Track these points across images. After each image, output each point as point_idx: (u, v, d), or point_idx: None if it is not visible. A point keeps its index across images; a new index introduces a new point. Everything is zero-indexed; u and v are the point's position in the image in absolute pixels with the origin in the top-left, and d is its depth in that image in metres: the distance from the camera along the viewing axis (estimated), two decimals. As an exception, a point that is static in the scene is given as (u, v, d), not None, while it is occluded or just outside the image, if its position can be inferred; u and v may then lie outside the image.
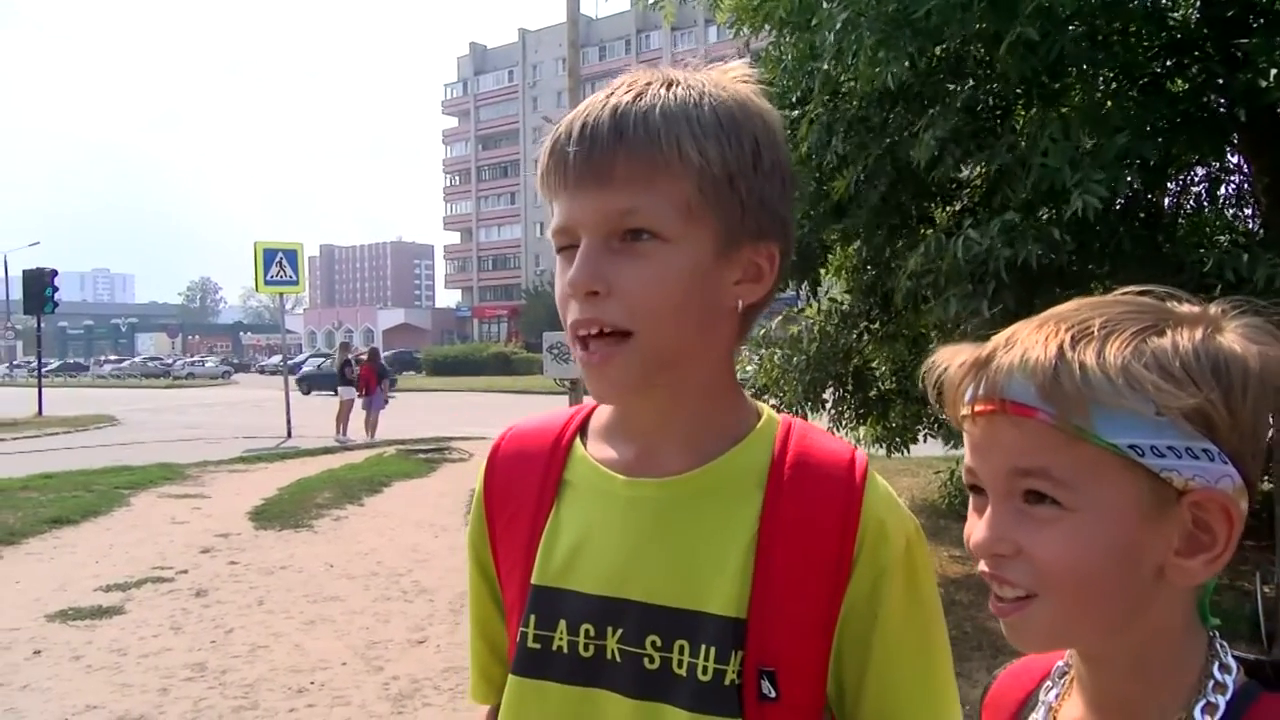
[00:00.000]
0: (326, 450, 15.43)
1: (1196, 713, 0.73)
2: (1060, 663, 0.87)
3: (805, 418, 7.13)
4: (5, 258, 51.59)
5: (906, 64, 4.62)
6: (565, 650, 0.90)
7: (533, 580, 0.92)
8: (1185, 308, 0.74)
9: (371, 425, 17.30)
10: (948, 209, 5.87)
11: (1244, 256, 3.84)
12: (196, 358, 74.20)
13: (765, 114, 0.89)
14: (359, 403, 17.40)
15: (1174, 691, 0.75)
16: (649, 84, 0.85)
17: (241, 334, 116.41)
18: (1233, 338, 0.72)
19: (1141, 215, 4.80)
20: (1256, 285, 3.74)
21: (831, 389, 7.42)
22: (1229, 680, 0.74)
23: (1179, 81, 4.69)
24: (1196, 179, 5.91)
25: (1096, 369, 0.69)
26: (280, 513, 9.62)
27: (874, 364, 7.52)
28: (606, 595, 0.89)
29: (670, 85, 0.85)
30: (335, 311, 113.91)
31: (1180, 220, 5.93)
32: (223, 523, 9.14)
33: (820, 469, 0.90)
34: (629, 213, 0.83)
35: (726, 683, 0.85)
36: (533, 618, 0.91)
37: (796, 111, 5.66)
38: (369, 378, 17.42)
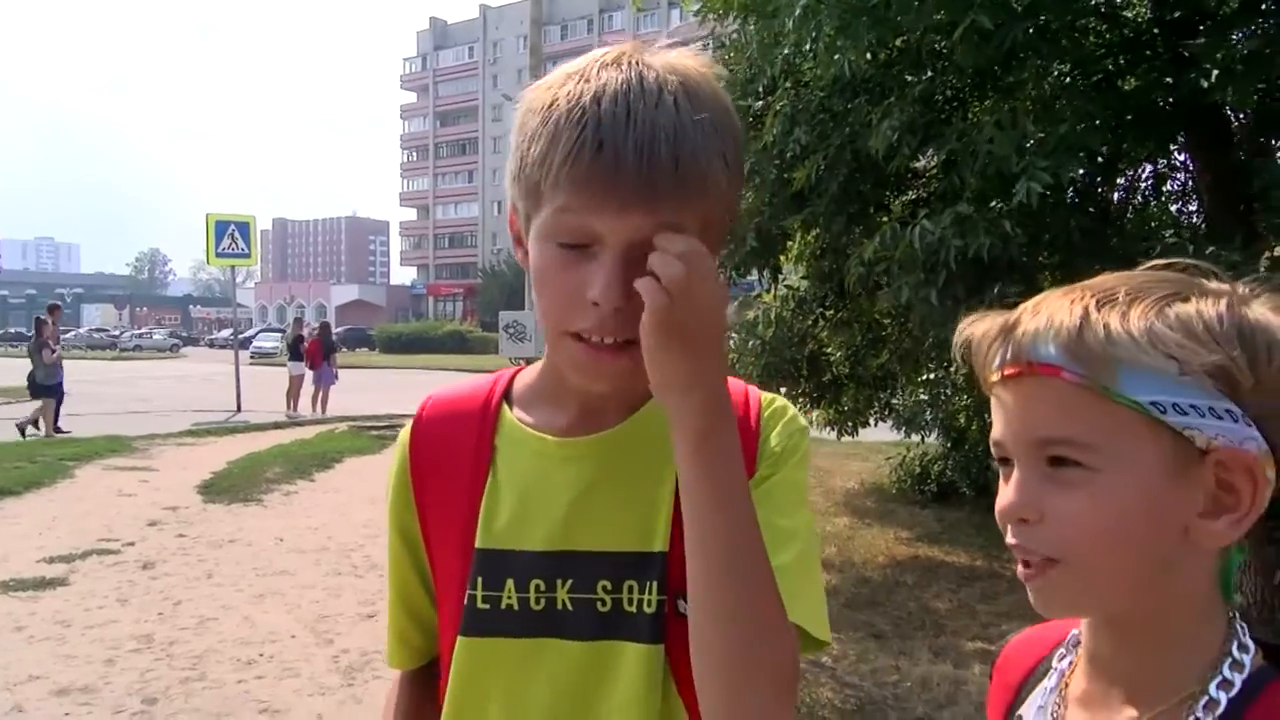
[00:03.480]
0: (277, 425, 15.27)
1: (1211, 689, 0.73)
2: (1074, 631, 0.87)
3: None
4: (-55, 222, 50.10)
5: (867, 54, 4.69)
6: (516, 607, 0.94)
7: (476, 545, 0.96)
8: (1214, 283, 0.75)
9: (321, 401, 17.14)
10: (904, 198, 5.96)
11: (1189, 249, 3.96)
12: (145, 330, 72.58)
13: (732, 110, 0.92)
14: (309, 378, 17.23)
15: (1189, 666, 0.75)
16: (662, 89, 0.84)
17: (191, 307, 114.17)
18: (1260, 309, 0.73)
19: (1091, 209, 4.91)
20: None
21: (787, 373, 7.51)
22: (1247, 660, 0.74)
23: (1130, 79, 4.80)
24: (1145, 175, 6.05)
25: (1120, 329, 0.71)
26: (229, 487, 9.52)
27: (828, 349, 7.61)
28: (554, 550, 0.94)
29: (688, 90, 0.86)
30: (288, 286, 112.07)
31: (1129, 215, 6.08)
32: (170, 496, 9.02)
33: None
34: (669, 226, 0.83)
35: (667, 611, 0.92)
36: (480, 580, 0.95)
37: (761, 102, 5.71)
38: (315, 352, 17.25)
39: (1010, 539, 0.77)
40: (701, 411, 0.81)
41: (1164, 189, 6.07)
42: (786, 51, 4.78)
